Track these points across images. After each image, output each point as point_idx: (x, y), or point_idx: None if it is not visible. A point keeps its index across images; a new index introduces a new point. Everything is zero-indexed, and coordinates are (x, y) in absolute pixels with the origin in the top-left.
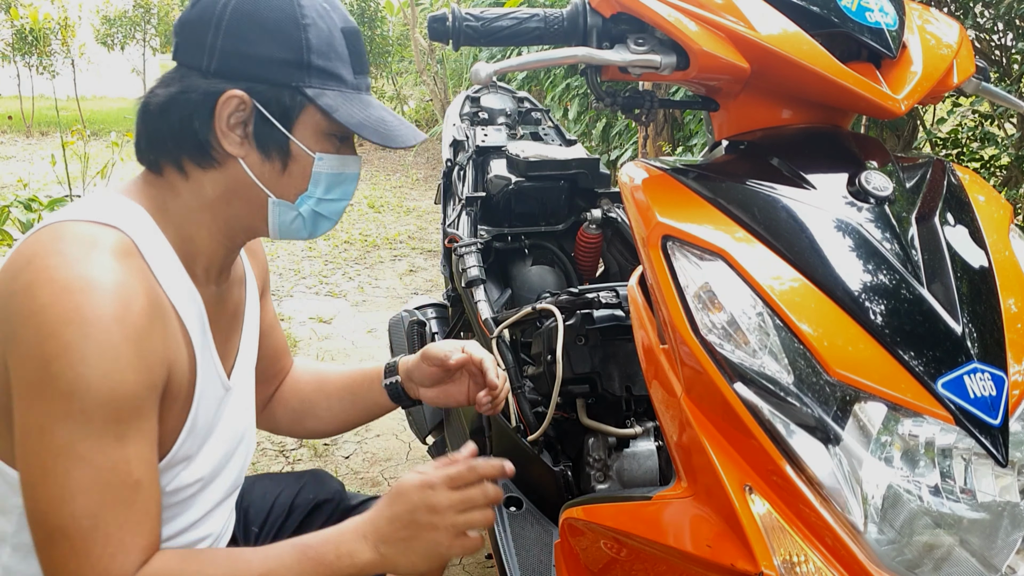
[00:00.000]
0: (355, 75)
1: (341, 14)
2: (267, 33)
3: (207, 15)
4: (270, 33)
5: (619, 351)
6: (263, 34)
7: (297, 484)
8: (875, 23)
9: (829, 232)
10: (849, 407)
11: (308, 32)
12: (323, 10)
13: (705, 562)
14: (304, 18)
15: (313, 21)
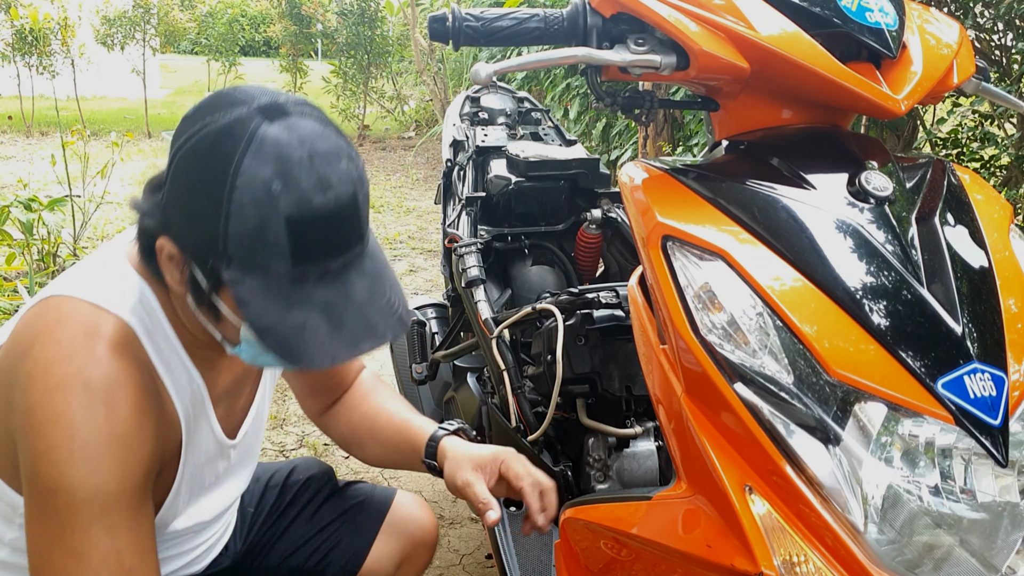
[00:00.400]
0: (296, 265)
1: (297, 198)
2: (191, 201)
3: (175, 140)
4: (192, 204)
5: (619, 351)
6: (189, 199)
7: (288, 467)
8: (875, 23)
9: (829, 232)
10: (849, 407)
11: (229, 221)
12: (263, 197)
13: (705, 562)
14: (229, 203)
15: (239, 209)
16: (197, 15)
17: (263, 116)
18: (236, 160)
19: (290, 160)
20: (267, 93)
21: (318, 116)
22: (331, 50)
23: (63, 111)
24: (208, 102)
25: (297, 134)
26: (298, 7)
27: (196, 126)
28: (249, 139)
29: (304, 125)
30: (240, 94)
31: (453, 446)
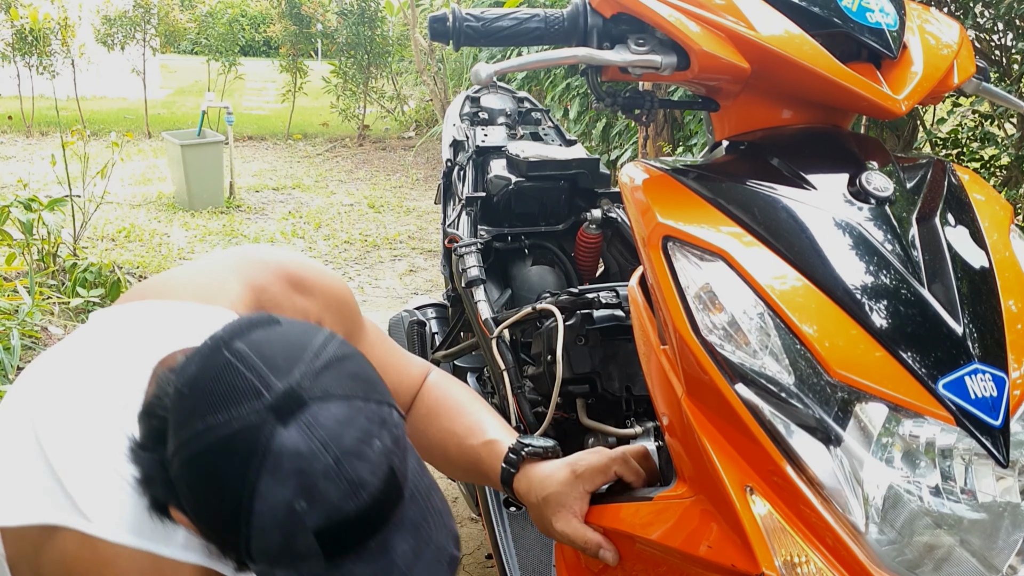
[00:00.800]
0: (331, 560)
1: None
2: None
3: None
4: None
5: (619, 351)
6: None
7: None
8: (876, 23)
9: (830, 233)
10: (850, 408)
11: (250, 543)
12: (286, 518)
13: (706, 563)
14: (249, 527)
15: (260, 533)
16: (197, 15)
17: (276, 417)
18: (250, 483)
19: (314, 473)
20: (278, 368)
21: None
22: (331, 50)
23: (63, 111)
24: (208, 387)
25: (319, 435)
26: (298, 7)
27: (198, 424)
28: (263, 455)
29: (326, 416)
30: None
31: (527, 488)
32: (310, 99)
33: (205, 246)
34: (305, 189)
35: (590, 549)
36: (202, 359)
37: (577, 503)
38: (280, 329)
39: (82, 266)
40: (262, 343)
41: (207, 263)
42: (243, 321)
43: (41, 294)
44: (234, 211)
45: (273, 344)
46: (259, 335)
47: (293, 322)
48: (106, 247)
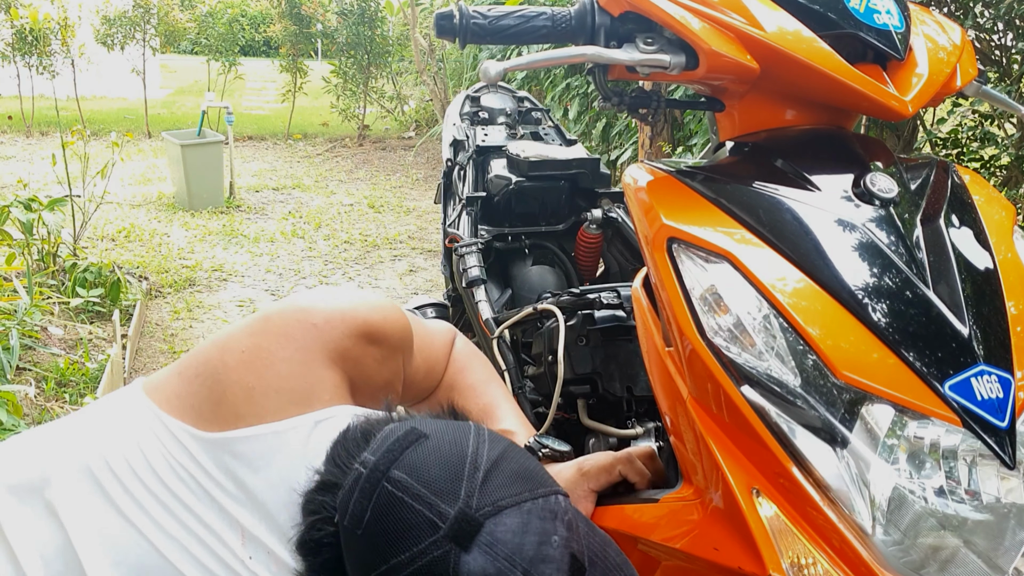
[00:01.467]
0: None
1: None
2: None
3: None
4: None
5: (620, 351)
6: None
7: None
8: (883, 25)
9: (834, 234)
10: (856, 409)
11: None
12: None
13: (712, 565)
14: None
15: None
16: (197, 15)
17: (457, 544)
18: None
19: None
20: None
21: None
22: (331, 50)
23: (63, 111)
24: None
25: (502, 552)
26: (298, 7)
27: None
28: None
29: (502, 531)
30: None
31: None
32: (310, 99)
33: (205, 246)
34: (305, 189)
35: None
36: (364, 496)
37: (582, 501)
38: (431, 444)
39: (82, 266)
40: (419, 467)
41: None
42: (392, 443)
43: (41, 294)
44: (234, 211)
45: (431, 466)
46: (413, 457)
47: (437, 429)
48: (106, 247)
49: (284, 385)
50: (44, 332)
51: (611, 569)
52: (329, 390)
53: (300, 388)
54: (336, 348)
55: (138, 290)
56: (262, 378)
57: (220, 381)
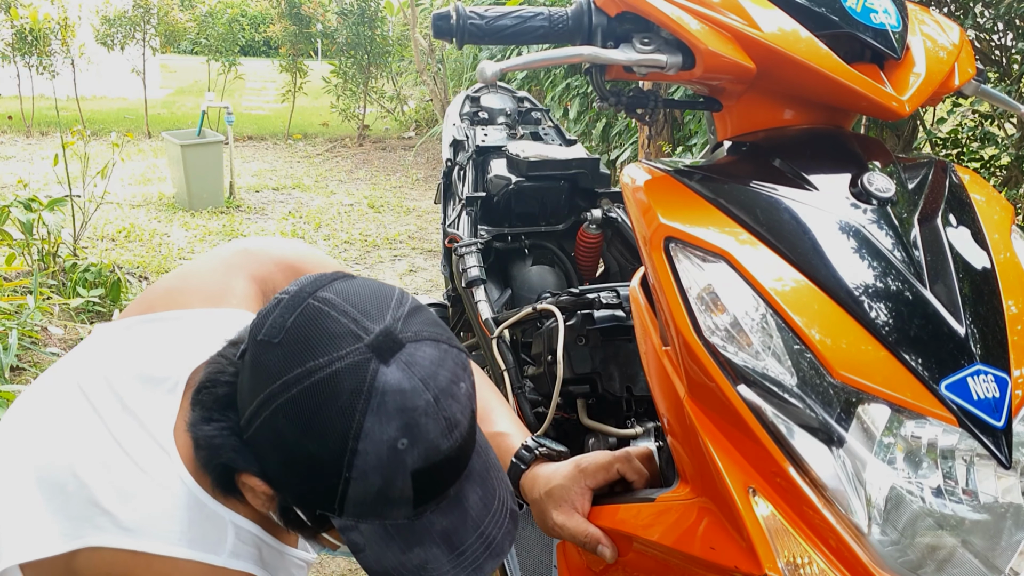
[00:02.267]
0: (417, 507)
1: (424, 449)
2: (297, 458)
3: (262, 374)
4: (300, 462)
5: (619, 351)
6: (295, 455)
7: None
8: (880, 24)
9: (832, 233)
10: (852, 409)
11: (349, 486)
12: (388, 458)
13: (708, 564)
14: (350, 468)
15: (361, 475)
16: (197, 15)
17: (377, 357)
18: (356, 421)
19: (416, 410)
20: (369, 313)
21: (429, 327)
22: (331, 50)
23: (63, 111)
24: (303, 333)
25: (419, 373)
26: (298, 7)
27: (295, 369)
28: (368, 394)
29: (421, 356)
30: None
31: (531, 485)
32: (310, 99)
33: (205, 246)
34: (305, 189)
35: (589, 544)
36: (287, 310)
37: (579, 498)
38: (357, 281)
39: (82, 266)
40: (348, 291)
41: (208, 264)
42: (320, 276)
43: (41, 294)
44: (234, 211)
45: (359, 293)
46: (341, 285)
47: (364, 278)
48: (106, 247)
49: (199, 286)
50: (44, 332)
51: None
52: (240, 298)
53: (213, 291)
54: (260, 270)
55: (138, 290)
56: (184, 281)
57: (150, 288)
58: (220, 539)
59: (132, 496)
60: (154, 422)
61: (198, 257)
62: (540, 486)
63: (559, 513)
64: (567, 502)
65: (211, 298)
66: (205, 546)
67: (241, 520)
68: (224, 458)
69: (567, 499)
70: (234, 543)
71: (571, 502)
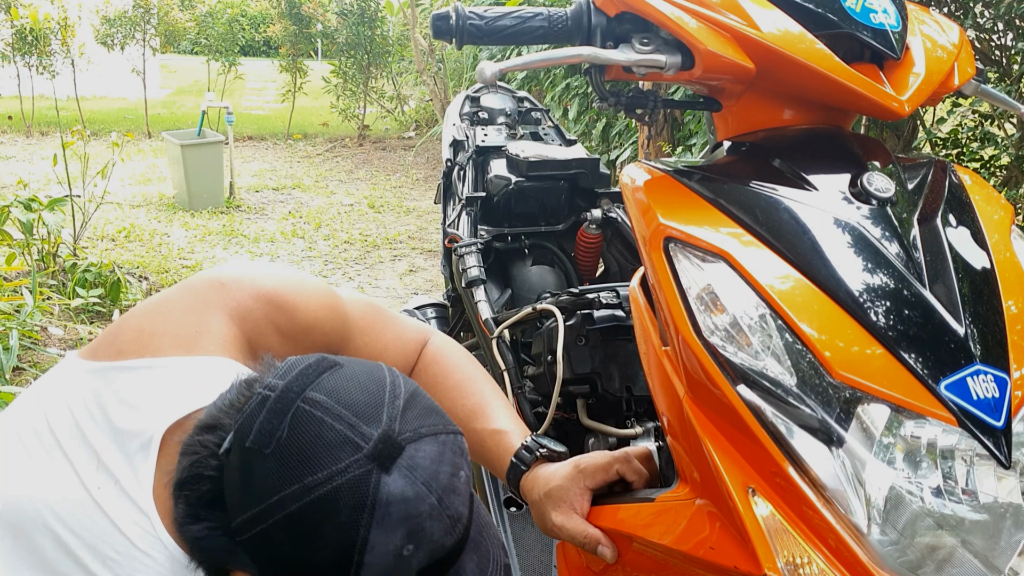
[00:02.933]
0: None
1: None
2: (303, 567)
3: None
4: (306, 571)
5: (619, 351)
6: (299, 564)
7: None
8: (879, 24)
9: (831, 233)
10: (852, 409)
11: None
12: (394, 566)
13: (708, 564)
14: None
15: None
16: (197, 15)
17: (379, 467)
18: (361, 536)
19: (420, 516)
20: (365, 415)
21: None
22: (331, 50)
23: (63, 111)
24: (296, 445)
25: (421, 477)
26: (298, 7)
27: (292, 486)
28: (372, 507)
29: (423, 457)
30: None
31: (531, 486)
32: (310, 99)
33: (205, 246)
34: (305, 189)
35: (589, 545)
36: (275, 416)
37: (578, 499)
38: (346, 371)
39: (82, 266)
40: (338, 390)
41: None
42: (307, 368)
43: (41, 294)
44: (234, 211)
45: (350, 390)
46: (330, 382)
47: (352, 361)
48: (106, 247)
49: (171, 329)
50: (44, 332)
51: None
52: (216, 342)
53: (187, 334)
54: (237, 306)
55: (138, 290)
56: (153, 321)
57: (120, 324)
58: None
59: (113, 560)
60: (130, 482)
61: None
62: (540, 487)
63: (558, 514)
64: (566, 503)
65: (185, 343)
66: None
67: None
68: (217, 559)
69: (566, 500)
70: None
71: (570, 503)
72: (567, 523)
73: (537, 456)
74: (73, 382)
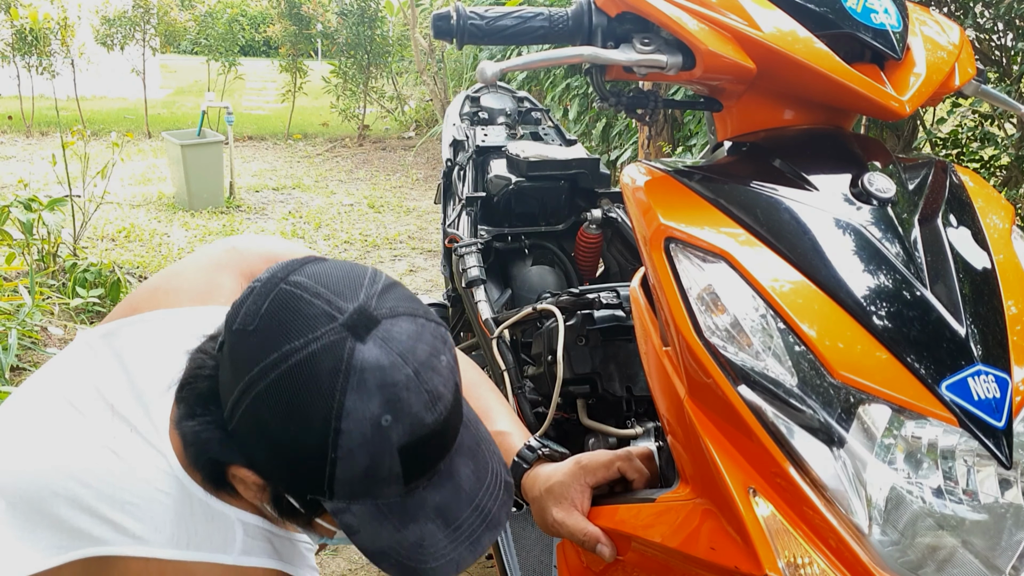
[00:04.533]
0: (408, 483)
1: (409, 425)
2: (282, 445)
3: (240, 363)
4: (286, 448)
5: (619, 351)
6: (280, 442)
7: None
8: (880, 24)
9: (832, 234)
10: (853, 409)
11: (336, 467)
12: (373, 435)
13: (709, 564)
14: (336, 449)
15: (347, 455)
16: (197, 15)
17: (353, 335)
18: (337, 401)
19: (396, 385)
20: (343, 293)
21: (405, 302)
22: (331, 50)
23: (63, 111)
24: (277, 318)
25: (397, 348)
26: (298, 7)
27: (272, 354)
28: (347, 373)
29: (398, 331)
30: (314, 304)
31: (532, 484)
32: (310, 99)
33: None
34: (305, 189)
35: (588, 543)
36: (260, 297)
37: (579, 496)
38: (330, 263)
39: (82, 266)
40: (320, 273)
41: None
42: (292, 261)
43: (41, 294)
44: (234, 211)
45: (330, 274)
46: (313, 268)
47: (337, 260)
48: (106, 247)
49: (186, 285)
50: (44, 332)
51: (482, 439)
52: (227, 295)
53: (201, 289)
54: (248, 267)
55: None
56: (168, 281)
57: (133, 292)
58: (229, 538)
59: (132, 504)
60: (146, 425)
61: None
62: (541, 483)
63: (559, 510)
64: (567, 499)
65: (199, 296)
66: (214, 547)
67: (247, 516)
68: (212, 452)
69: (567, 496)
70: (244, 540)
71: (571, 499)
72: (567, 520)
73: (539, 455)
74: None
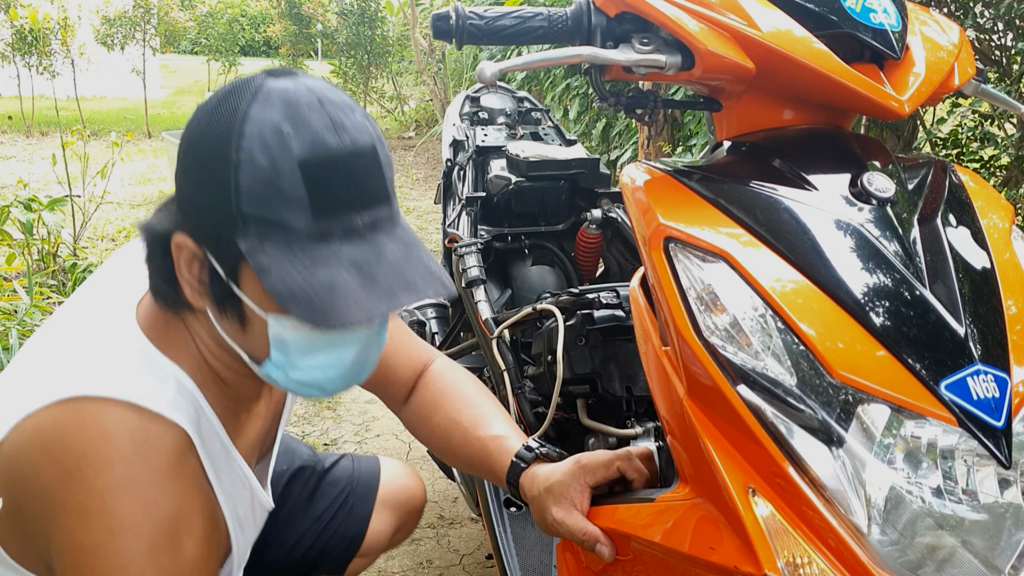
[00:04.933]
0: (317, 217)
1: (310, 139)
2: (198, 169)
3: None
4: (200, 170)
5: (619, 351)
6: (197, 170)
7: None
8: (879, 24)
9: (831, 234)
10: (852, 409)
11: (239, 172)
12: (273, 140)
13: (708, 564)
14: (239, 152)
15: (249, 158)
16: (197, 15)
17: (268, 75)
18: (242, 111)
19: (299, 104)
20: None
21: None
22: (331, 50)
23: (63, 111)
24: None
25: (305, 84)
26: (298, 7)
27: (209, 103)
28: (255, 92)
29: (314, 81)
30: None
31: (530, 483)
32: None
33: None
34: None
35: (588, 542)
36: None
37: (578, 495)
38: None
39: (82, 266)
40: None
41: None
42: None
43: (41, 294)
44: None
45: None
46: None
47: None
48: (106, 247)
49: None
50: None
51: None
52: None
53: None
54: None
55: None
56: None
57: None
58: (160, 387)
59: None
60: (123, 299)
61: None
62: (540, 483)
63: (558, 509)
64: (566, 498)
65: None
66: (142, 390)
67: (185, 379)
68: (158, 227)
69: (566, 495)
70: (174, 395)
71: (570, 498)
72: (567, 519)
73: (537, 455)
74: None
